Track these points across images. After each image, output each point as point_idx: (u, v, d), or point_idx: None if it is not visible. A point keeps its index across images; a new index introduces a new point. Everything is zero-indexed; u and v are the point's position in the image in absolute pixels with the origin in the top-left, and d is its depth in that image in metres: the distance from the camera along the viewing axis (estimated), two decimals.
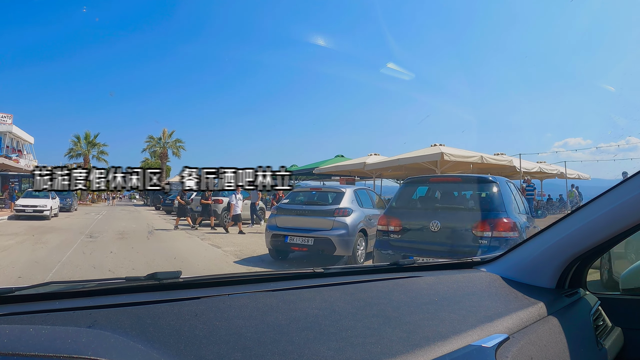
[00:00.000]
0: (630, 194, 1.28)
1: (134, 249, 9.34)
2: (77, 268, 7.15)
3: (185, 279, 1.24)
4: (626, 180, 1.38)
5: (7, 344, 0.73)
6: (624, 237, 1.43)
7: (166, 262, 7.96)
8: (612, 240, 1.43)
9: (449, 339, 1.02)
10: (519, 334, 1.15)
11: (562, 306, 1.44)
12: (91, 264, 7.64)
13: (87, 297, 1.09)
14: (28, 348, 0.73)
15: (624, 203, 1.34)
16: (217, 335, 0.93)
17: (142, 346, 0.84)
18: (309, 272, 1.52)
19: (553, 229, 1.55)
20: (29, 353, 0.71)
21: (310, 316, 1.10)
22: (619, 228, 1.37)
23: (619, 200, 1.36)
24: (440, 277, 1.61)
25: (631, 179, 1.36)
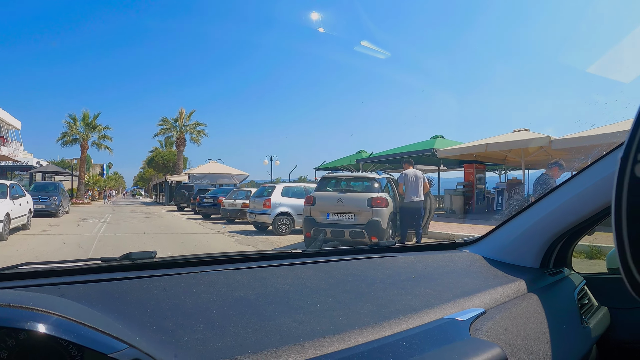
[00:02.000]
0: (613, 168, 0.99)
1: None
2: None
3: (160, 259, 1.26)
4: (609, 154, 1.36)
5: None
6: (609, 212, 1.22)
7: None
8: (596, 216, 1.42)
9: (421, 312, 1.04)
10: (495, 309, 1.16)
11: (545, 284, 1.44)
12: None
13: (62, 276, 1.09)
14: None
15: (606, 177, 1.32)
16: (183, 308, 0.95)
17: (103, 317, 0.84)
18: (286, 252, 1.52)
19: (535, 207, 1.55)
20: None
21: (281, 292, 1.12)
22: (602, 203, 1.36)
23: (602, 174, 1.35)
24: (419, 257, 1.61)
25: (613, 152, 1.35)
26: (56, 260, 1.26)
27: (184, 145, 45.22)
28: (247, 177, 38.01)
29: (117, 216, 21.51)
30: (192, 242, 11.33)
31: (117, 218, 20.05)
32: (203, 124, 46.39)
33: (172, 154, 56.83)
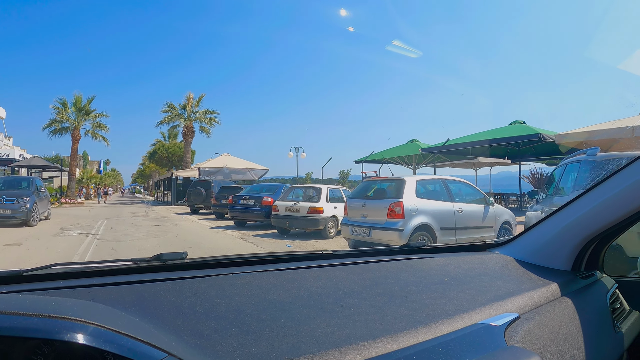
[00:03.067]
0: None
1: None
2: None
3: (191, 260, 1.28)
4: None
5: (3, 306, 0.76)
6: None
7: None
8: (630, 219, 1.40)
9: (456, 317, 1.04)
10: (530, 314, 1.16)
11: (577, 288, 1.44)
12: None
13: (93, 277, 1.12)
14: (23, 309, 0.74)
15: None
16: (216, 311, 0.96)
17: (139, 320, 0.85)
18: (317, 253, 1.54)
19: (568, 209, 1.55)
20: (23, 312, 0.72)
21: (314, 294, 1.12)
22: (637, 205, 1.35)
23: (637, 176, 1.35)
24: (451, 259, 1.61)
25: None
26: (87, 260, 0.91)
27: (192, 135, 39.38)
28: (266, 172, 34.14)
29: (114, 224, 15.78)
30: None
31: (115, 228, 14.19)
32: (214, 112, 40.47)
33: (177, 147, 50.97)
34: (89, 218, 18.90)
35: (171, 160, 50.37)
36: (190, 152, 39.69)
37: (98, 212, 23.88)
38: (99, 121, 36.89)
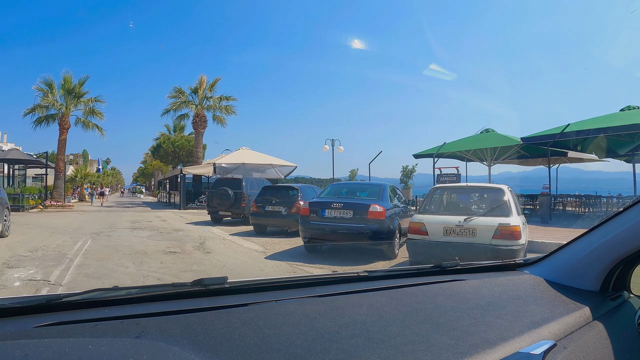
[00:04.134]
0: None
1: None
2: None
3: (231, 284, 1.31)
4: None
5: (58, 359, 0.78)
6: None
7: None
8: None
9: (497, 347, 1.06)
10: (565, 340, 1.19)
11: (607, 310, 1.47)
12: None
13: (135, 304, 1.14)
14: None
15: None
16: (268, 343, 0.97)
17: (194, 356, 0.88)
18: (353, 275, 1.58)
19: (599, 230, 1.57)
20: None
21: (358, 322, 1.15)
22: None
23: None
24: (484, 281, 1.66)
25: None
26: (126, 286, 1.25)
27: (204, 126, 33.39)
28: (294, 169, 29.55)
29: (102, 248, 10.04)
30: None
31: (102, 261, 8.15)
32: (231, 98, 34.36)
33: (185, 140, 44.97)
34: (69, 233, 12.92)
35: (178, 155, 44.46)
36: (201, 145, 33.70)
37: (86, 221, 17.96)
38: (92, 107, 30.80)
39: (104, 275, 6.74)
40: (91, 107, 30.74)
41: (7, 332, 0.90)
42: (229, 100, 34.44)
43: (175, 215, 22.47)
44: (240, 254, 9.45)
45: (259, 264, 8.26)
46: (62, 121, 29.68)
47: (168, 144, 45.08)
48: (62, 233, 12.91)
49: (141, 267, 7.41)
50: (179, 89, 33.80)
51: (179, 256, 8.78)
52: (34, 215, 21.80)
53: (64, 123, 29.69)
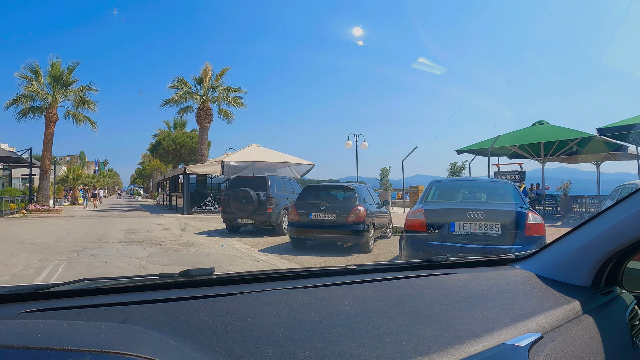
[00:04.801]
0: None
1: None
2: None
3: (218, 275, 1.32)
4: None
5: (41, 338, 0.79)
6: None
7: None
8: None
9: (481, 338, 1.06)
10: (552, 333, 1.19)
11: (597, 305, 1.47)
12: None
13: (121, 294, 1.16)
14: (61, 342, 0.78)
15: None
16: (249, 331, 0.99)
17: (174, 341, 0.89)
18: (341, 268, 1.57)
19: (590, 225, 1.58)
20: (61, 347, 0.76)
21: (342, 313, 1.15)
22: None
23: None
24: (473, 275, 1.65)
25: None
26: (116, 276, 1.30)
27: (209, 120, 29.98)
28: (312, 167, 26.96)
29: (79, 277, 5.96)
30: None
31: None
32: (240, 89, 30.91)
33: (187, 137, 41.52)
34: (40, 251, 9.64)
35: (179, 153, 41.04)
36: (206, 141, 30.27)
37: (71, 230, 14.69)
38: (83, 95, 27.29)
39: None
40: (82, 96, 27.21)
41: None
42: (238, 91, 30.96)
43: (180, 221, 19.03)
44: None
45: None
46: (49, 113, 26.19)
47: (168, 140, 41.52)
48: (31, 251, 9.51)
49: None
50: (181, 79, 30.36)
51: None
52: (11, 222, 18.41)
53: (51, 115, 26.19)
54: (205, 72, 30.09)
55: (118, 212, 27.00)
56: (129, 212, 28.00)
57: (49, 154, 26.25)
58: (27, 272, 7.11)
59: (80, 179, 40.22)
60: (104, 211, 28.61)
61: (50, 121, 26.21)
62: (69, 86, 27.00)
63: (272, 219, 13.34)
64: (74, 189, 40.45)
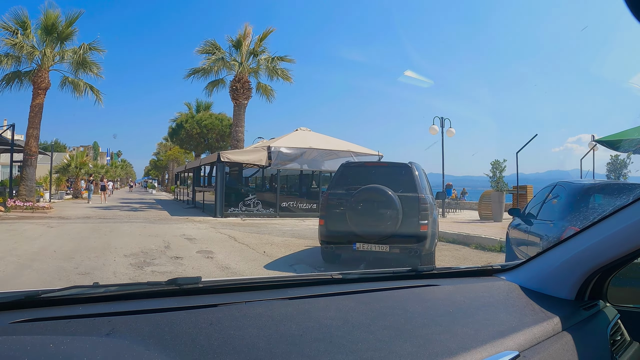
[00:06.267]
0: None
1: None
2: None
3: (204, 284, 1.35)
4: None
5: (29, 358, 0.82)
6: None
7: None
8: (638, 251, 1.46)
9: (457, 356, 1.07)
10: (530, 351, 1.20)
11: (579, 320, 1.49)
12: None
13: (109, 302, 1.20)
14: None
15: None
16: (231, 345, 1.00)
17: (157, 356, 0.91)
18: (327, 277, 1.61)
19: (577, 238, 1.61)
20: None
21: (324, 327, 1.17)
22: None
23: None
24: (457, 287, 1.69)
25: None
26: (105, 284, 1.32)
27: (248, 95, 23.50)
28: (380, 159, 21.14)
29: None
30: None
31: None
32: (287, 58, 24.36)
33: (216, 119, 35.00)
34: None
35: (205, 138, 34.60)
36: (243, 122, 23.67)
37: (41, 249, 8.12)
38: (83, 55, 20.82)
39: None
40: (81, 55, 20.71)
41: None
42: (284, 60, 24.28)
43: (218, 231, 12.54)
44: None
45: None
46: (38, 77, 19.79)
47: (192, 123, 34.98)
48: None
49: None
50: (213, 43, 23.71)
51: None
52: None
53: (40, 80, 19.83)
54: (244, 34, 23.46)
55: (127, 211, 20.58)
56: (141, 210, 21.57)
57: (35, 133, 19.87)
58: None
59: (84, 167, 33.93)
60: (110, 209, 22.24)
61: (39, 88, 19.86)
62: (65, 40, 20.52)
63: (427, 245, 6.77)
64: (76, 180, 34.23)
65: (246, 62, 23.45)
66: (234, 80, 23.28)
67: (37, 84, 19.78)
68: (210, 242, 10.66)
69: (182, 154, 48.42)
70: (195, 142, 36.14)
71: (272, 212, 19.51)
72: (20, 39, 19.25)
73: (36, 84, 19.78)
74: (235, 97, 23.16)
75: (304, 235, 12.74)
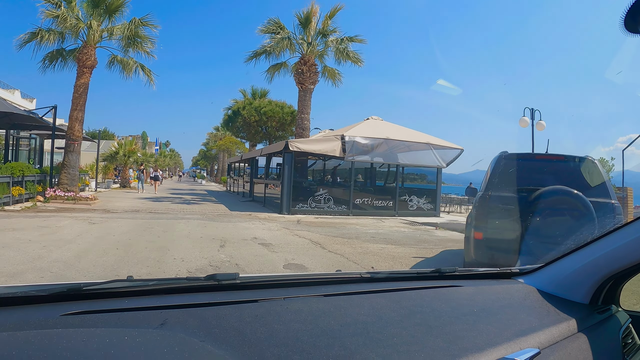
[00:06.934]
0: None
1: None
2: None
3: (242, 280, 1.40)
4: None
5: (88, 348, 0.86)
6: None
7: None
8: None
9: (485, 351, 1.13)
10: (549, 349, 1.26)
11: (593, 323, 1.53)
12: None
13: (153, 296, 1.25)
14: (107, 356, 0.83)
15: None
16: (277, 337, 1.05)
17: (211, 346, 0.95)
18: (356, 276, 1.69)
19: (594, 245, 1.64)
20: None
21: (360, 322, 1.23)
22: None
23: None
24: (479, 288, 1.76)
25: None
26: (142, 278, 1.32)
27: (314, 79, 21.06)
28: (460, 153, 19.25)
29: None
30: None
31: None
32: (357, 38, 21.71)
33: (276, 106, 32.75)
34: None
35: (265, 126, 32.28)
36: (309, 109, 21.08)
37: (78, 254, 5.56)
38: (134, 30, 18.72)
39: None
40: (132, 30, 18.60)
41: (36, 320, 0.99)
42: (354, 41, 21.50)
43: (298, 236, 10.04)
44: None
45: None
46: (83, 54, 17.82)
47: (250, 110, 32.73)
48: None
49: None
50: (276, 22, 21.15)
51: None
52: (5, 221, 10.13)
53: (86, 57, 17.83)
54: (311, 12, 20.78)
55: (179, 204, 18.46)
56: (195, 203, 19.41)
57: (80, 116, 17.86)
58: None
59: (133, 155, 32.29)
60: (160, 200, 20.23)
61: (84, 66, 17.85)
62: (114, 14, 18.44)
63: None
64: (125, 168, 32.67)
65: (315, 42, 20.78)
66: (300, 62, 20.71)
67: (82, 61, 17.78)
68: (294, 251, 8.15)
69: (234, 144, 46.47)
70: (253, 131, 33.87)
71: (345, 209, 17.05)
72: (64, 11, 17.26)
73: (81, 61, 17.79)
74: (300, 80, 20.56)
75: (400, 242, 10.37)
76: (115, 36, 18.99)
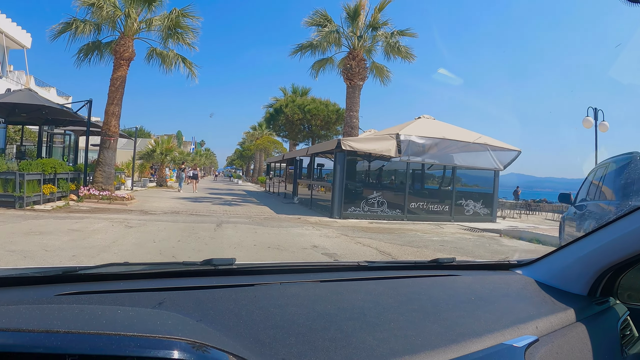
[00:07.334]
0: None
1: None
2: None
3: (238, 265, 1.41)
4: None
5: (83, 322, 0.84)
6: None
7: None
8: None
9: (483, 337, 1.13)
10: (547, 337, 1.25)
11: (591, 314, 1.53)
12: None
13: (149, 279, 1.26)
14: (105, 327, 0.82)
15: None
16: (273, 320, 1.05)
17: (207, 327, 0.95)
18: (353, 265, 1.71)
19: (592, 237, 1.63)
20: (106, 332, 0.78)
21: (356, 307, 1.23)
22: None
23: None
24: (477, 278, 1.76)
25: None
26: (139, 262, 1.61)
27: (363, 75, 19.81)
28: (518, 155, 17.88)
29: None
30: None
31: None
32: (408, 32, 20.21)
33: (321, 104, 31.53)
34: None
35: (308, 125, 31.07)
36: (358, 106, 19.66)
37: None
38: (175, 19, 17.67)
39: None
40: (173, 20, 17.54)
41: (30, 299, 1.00)
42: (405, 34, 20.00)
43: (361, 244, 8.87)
44: None
45: None
46: (120, 45, 16.85)
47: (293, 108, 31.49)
48: None
49: None
50: (323, 14, 19.79)
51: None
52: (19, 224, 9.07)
53: (123, 48, 16.86)
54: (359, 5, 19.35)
55: (221, 205, 17.39)
56: (236, 205, 18.27)
57: (117, 110, 16.88)
58: None
59: (170, 154, 31.50)
60: (200, 201, 19.20)
61: (121, 58, 16.88)
62: (153, 3, 17.43)
63: None
64: (161, 166, 31.94)
65: (366, 35, 19.36)
66: (348, 57, 19.32)
67: (119, 53, 16.81)
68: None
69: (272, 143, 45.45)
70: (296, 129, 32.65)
71: (399, 214, 15.70)
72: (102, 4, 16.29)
73: (118, 53, 16.83)
74: (349, 77, 19.13)
75: (473, 252, 9.33)
76: (154, 27, 17.96)
